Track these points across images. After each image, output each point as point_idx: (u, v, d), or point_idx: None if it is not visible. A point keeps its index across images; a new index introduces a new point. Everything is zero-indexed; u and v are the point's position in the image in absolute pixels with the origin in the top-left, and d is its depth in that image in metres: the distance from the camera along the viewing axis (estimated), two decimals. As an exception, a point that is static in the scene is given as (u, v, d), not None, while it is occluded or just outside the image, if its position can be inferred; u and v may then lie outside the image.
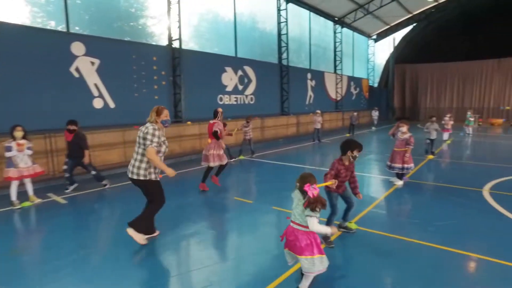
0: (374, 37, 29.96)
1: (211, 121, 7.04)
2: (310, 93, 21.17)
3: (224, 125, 8.29)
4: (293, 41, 20.72)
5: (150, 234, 4.40)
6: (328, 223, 4.25)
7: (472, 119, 17.70)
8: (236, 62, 15.58)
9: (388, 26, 28.70)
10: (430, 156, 10.53)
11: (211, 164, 6.77)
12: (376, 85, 31.59)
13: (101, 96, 10.22)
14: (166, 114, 4.31)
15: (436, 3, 25.53)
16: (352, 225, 4.66)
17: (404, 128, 7.08)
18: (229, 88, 15.15)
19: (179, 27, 12.33)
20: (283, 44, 18.44)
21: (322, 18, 22.57)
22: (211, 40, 15.96)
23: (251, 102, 16.45)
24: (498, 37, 26.82)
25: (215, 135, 6.85)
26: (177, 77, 12.47)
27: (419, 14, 26.61)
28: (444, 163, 9.81)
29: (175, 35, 12.33)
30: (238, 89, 15.65)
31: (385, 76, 30.89)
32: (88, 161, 7.02)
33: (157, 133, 4.06)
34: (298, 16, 20.50)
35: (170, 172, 4.14)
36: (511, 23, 25.47)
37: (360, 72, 29.43)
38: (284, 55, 18.45)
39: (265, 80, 17.29)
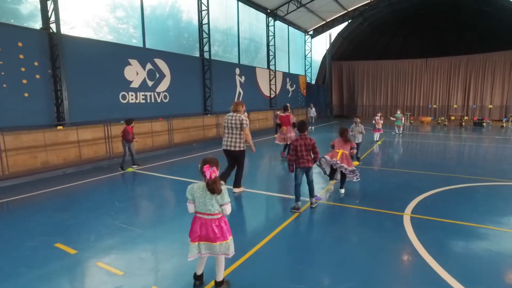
0: (311, 32, 29.26)
1: (284, 114, 10.27)
2: (239, 89, 19.63)
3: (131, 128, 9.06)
4: (220, 33, 19.02)
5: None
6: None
7: (401, 118, 17.34)
8: (144, 54, 13.47)
9: (324, 22, 28.12)
10: (356, 163, 8.89)
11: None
12: (314, 82, 31.01)
13: None
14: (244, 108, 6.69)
15: (368, 1, 25.35)
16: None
17: None
18: (134, 84, 13.01)
19: (55, 5, 9.91)
20: (204, 35, 16.61)
21: (253, 10, 21.09)
22: (114, 28, 13.68)
23: (165, 101, 14.45)
24: (425, 38, 27.63)
25: (294, 125, 9.74)
26: (57, 70, 10.13)
27: (353, 11, 26.28)
28: (368, 172, 8.65)
29: (54, 17, 9.94)
30: (147, 86, 13.56)
31: (322, 73, 30.41)
32: None
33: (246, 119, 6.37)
34: (224, 6, 18.79)
35: (253, 147, 6.70)
36: (436, 24, 26.24)
37: (297, 69, 28.58)
38: (206, 48, 16.63)
39: (183, 75, 15.36)
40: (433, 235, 4.52)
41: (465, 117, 23.48)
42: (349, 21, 27.46)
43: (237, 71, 19.40)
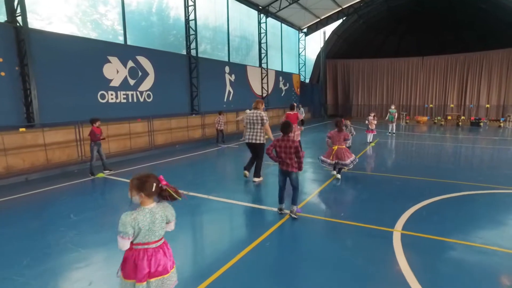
0: (305, 30, 28.58)
1: (291, 113, 10.27)
2: (229, 88, 18.93)
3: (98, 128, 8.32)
4: (209, 31, 18.33)
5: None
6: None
7: (395, 114, 16.39)
8: (125, 51, 12.74)
9: (318, 20, 27.46)
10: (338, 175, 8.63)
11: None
12: (308, 80, 30.34)
13: None
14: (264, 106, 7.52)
15: (363, -3, 24.75)
16: None
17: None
18: (115, 83, 12.28)
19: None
20: (191, 32, 15.89)
21: (244, 6, 20.38)
22: (98, 25, 12.97)
23: (148, 100, 13.73)
24: (421, 35, 27.06)
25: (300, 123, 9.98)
26: (25, 67, 9.39)
27: (348, 8, 25.62)
28: (358, 178, 8.00)
29: (20, 9, 9.20)
30: (128, 84, 12.84)
31: (317, 72, 29.75)
32: None
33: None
34: (213, 2, 18.08)
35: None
36: (432, 22, 25.66)
37: (290, 67, 27.91)
38: (194, 45, 15.92)
39: (168, 73, 14.65)
40: (426, 258, 3.86)
41: (462, 117, 22.90)
42: (344, 18, 26.84)
43: (227, 69, 18.70)
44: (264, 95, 22.58)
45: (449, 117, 22.94)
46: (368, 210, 5.63)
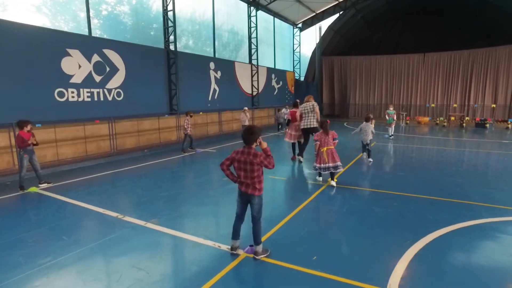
0: (300, 25, 27.06)
1: (296, 110, 9.72)
2: (214, 86, 17.45)
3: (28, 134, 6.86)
4: (193, 24, 16.88)
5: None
6: None
7: (393, 115, 14.81)
8: (89, 44, 11.26)
9: (313, 14, 25.96)
10: (333, 183, 7.42)
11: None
12: (303, 78, 28.84)
13: None
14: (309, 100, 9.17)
15: (361, -10, 23.24)
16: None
17: None
18: (76, 79, 10.82)
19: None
20: (170, 24, 14.42)
21: (232, -2, 18.92)
22: (74, 17, 11.57)
23: (118, 99, 12.28)
24: (422, 31, 25.61)
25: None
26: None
27: (345, 2, 24.10)
28: (345, 196, 6.53)
29: None
30: (93, 81, 11.38)
31: (312, 69, 28.22)
32: None
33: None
34: (196, -8, 16.61)
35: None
36: (435, 16, 24.19)
37: (284, 64, 26.42)
38: (173, 38, 14.44)
39: (142, 69, 13.19)
40: None
41: (466, 118, 21.41)
42: (341, 12, 25.30)
43: (212, 65, 17.21)
44: (254, 93, 21.09)
45: (452, 118, 21.44)
46: (351, 251, 4.15)
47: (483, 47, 22.61)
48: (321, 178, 7.52)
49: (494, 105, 22.03)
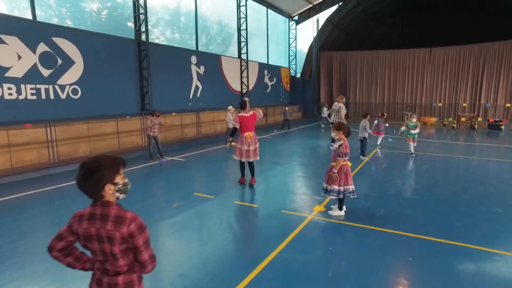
0: (296, 18, 25.07)
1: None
2: (196, 82, 15.50)
3: None
4: (180, 16, 14.97)
5: None
6: None
7: (416, 129, 10.15)
8: (34, 30, 9.33)
9: (311, 5, 23.99)
10: (320, 208, 5.51)
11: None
12: (299, 75, 26.88)
13: None
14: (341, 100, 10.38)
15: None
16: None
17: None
18: (14, 73, 8.90)
19: None
20: (141, 11, 12.47)
21: (218, -16, 16.96)
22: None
23: (75, 97, 10.37)
24: (429, 24, 23.66)
25: None
26: None
27: (345, -9, 22.18)
28: (327, 237, 4.65)
29: None
30: (40, 75, 9.45)
31: (309, 65, 26.25)
32: None
33: None
34: (175, -25, 14.67)
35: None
36: (442, 7, 22.23)
37: (278, 60, 24.45)
38: (144, 28, 12.50)
39: (105, 62, 11.26)
40: None
41: (479, 118, 19.44)
42: (340, 4, 23.34)
43: (193, 59, 15.25)
44: (244, 91, 19.13)
45: (462, 119, 19.46)
46: None
47: (495, 41, 20.60)
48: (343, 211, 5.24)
49: (508, 105, 20.05)
